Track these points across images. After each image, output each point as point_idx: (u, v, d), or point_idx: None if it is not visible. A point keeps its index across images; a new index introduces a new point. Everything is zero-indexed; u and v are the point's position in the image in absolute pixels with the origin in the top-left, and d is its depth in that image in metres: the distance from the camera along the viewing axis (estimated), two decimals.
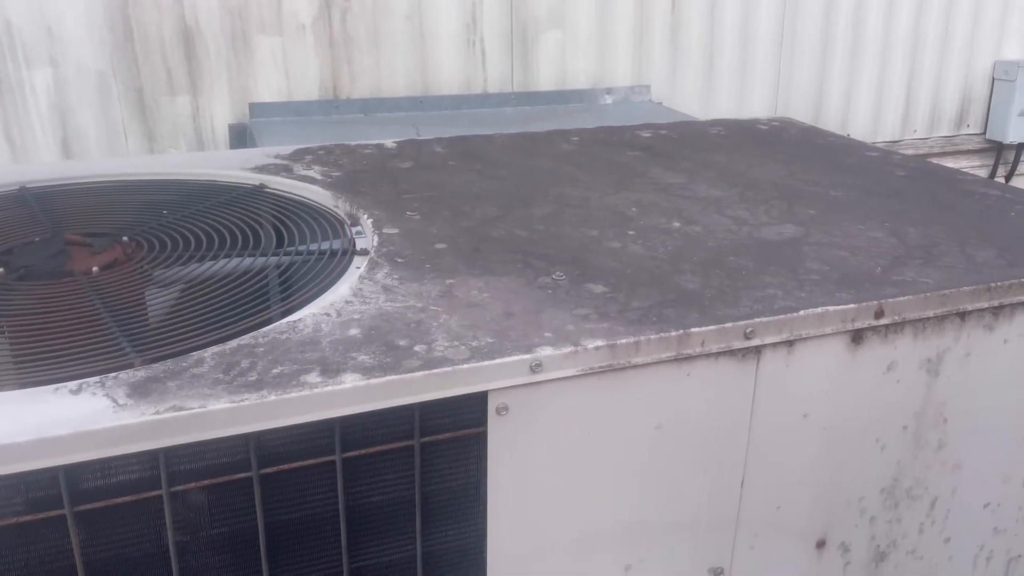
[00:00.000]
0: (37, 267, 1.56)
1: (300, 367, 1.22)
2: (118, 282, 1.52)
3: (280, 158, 2.23)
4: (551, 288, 1.51)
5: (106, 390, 1.14)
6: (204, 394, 1.14)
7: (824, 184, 2.18)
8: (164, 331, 1.34)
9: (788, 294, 1.52)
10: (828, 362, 1.52)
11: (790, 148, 2.54)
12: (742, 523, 1.57)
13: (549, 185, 2.11)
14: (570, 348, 1.31)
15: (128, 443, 1.09)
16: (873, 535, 1.70)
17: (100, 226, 1.77)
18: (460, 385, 1.25)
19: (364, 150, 2.36)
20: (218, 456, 1.18)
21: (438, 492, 1.33)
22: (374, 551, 1.32)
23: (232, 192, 1.99)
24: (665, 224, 1.86)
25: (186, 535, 1.19)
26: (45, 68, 3.17)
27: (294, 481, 1.23)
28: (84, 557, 1.13)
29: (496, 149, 2.43)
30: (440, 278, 1.53)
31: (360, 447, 1.25)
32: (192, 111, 3.39)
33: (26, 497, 1.09)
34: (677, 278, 1.58)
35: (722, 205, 1.99)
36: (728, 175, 2.24)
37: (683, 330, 1.38)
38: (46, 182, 2.00)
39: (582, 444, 1.38)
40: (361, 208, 1.88)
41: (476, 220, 1.84)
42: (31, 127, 3.20)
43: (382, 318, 1.37)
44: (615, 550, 1.48)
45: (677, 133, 2.68)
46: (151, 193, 1.99)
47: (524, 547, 1.40)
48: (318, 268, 1.59)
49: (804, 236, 1.81)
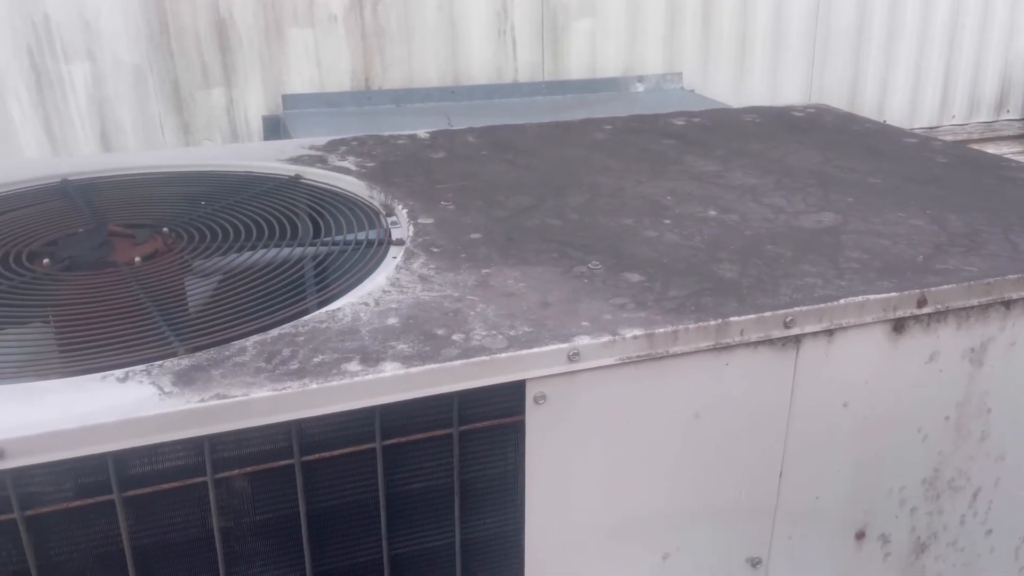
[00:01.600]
0: (82, 258, 1.59)
1: (340, 356, 1.23)
2: (160, 272, 1.54)
3: (314, 149, 2.24)
4: (587, 277, 1.51)
5: (152, 378, 1.16)
6: (247, 382, 1.16)
7: (862, 171, 2.15)
8: (206, 320, 1.36)
9: (828, 283, 1.50)
10: (869, 351, 1.50)
11: (826, 135, 2.50)
12: (780, 513, 1.56)
13: (582, 174, 2.10)
14: (608, 337, 1.31)
15: (174, 430, 1.11)
16: (913, 526, 1.68)
17: (141, 217, 1.79)
18: (498, 374, 1.26)
19: (397, 140, 2.37)
20: (261, 443, 1.19)
21: (477, 480, 1.34)
22: (414, 538, 1.33)
23: (268, 183, 2.00)
24: (701, 212, 1.84)
25: (230, 521, 1.21)
26: (83, 62, 3.22)
27: (335, 468, 1.25)
28: (132, 542, 1.16)
29: (528, 138, 2.42)
30: (476, 268, 1.54)
31: (400, 435, 1.26)
32: (227, 103, 3.43)
33: (76, 483, 1.11)
34: (714, 267, 1.57)
35: (758, 193, 1.97)
36: (763, 163, 2.21)
37: (722, 319, 1.37)
38: (87, 174, 2.04)
39: (620, 433, 1.38)
40: (396, 198, 1.89)
41: (510, 210, 1.84)
42: (71, 120, 3.26)
43: (420, 307, 1.38)
44: (653, 539, 1.48)
45: (710, 121, 2.65)
46: (189, 185, 2.02)
47: (562, 535, 1.41)
48: (355, 258, 1.61)
49: (843, 224, 1.78)
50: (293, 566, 1.26)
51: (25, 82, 3.16)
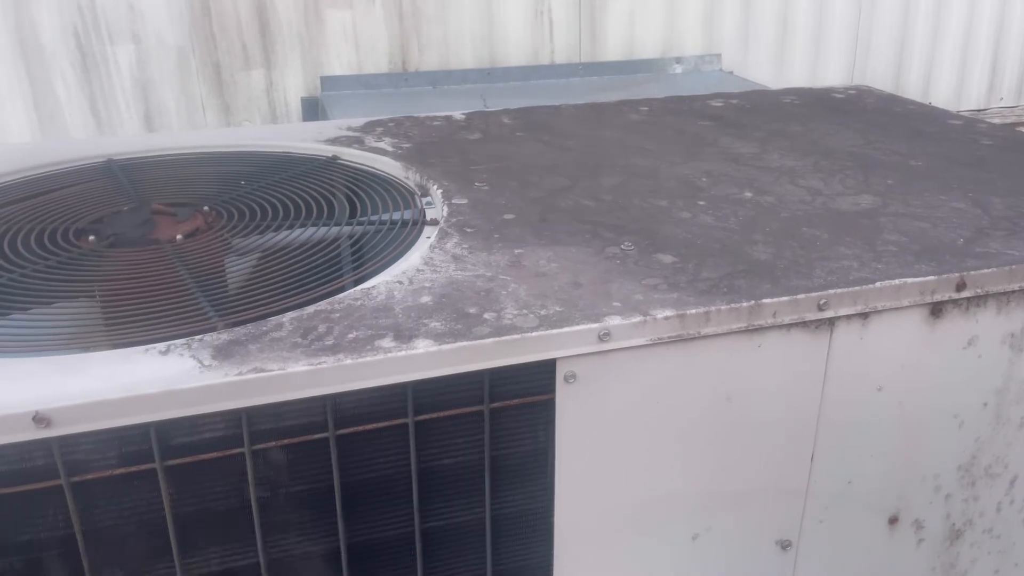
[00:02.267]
0: (126, 235, 1.63)
1: (374, 332, 1.25)
2: (200, 250, 1.58)
3: (352, 130, 2.27)
4: (619, 258, 1.51)
5: (192, 352, 1.19)
6: (283, 357, 1.18)
7: (903, 153, 2.11)
8: (244, 296, 1.39)
9: (864, 265, 1.49)
10: (905, 335, 1.48)
11: (867, 116, 2.46)
12: (811, 496, 1.55)
13: (617, 155, 2.10)
14: (639, 318, 1.31)
15: (213, 402, 1.14)
16: (948, 513, 1.67)
17: (182, 196, 1.83)
18: (529, 352, 1.27)
19: (433, 122, 2.38)
20: (297, 417, 1.22)
21: (507, 457, 1.35)
22: (445, 512, 1.36)
23: (306, 164, 2.03)
24: (736, 194, 1.83)
25: (267, 491, 1.24)
26: (128, 44, 3.28)
27: (369, 442, 1.27)
28: (173, 509, 1.20)
29: (564, 120, 2.42)
30: (508, 248, 1.55)
31: (432, 411, 1.28)
32: (266, 85, 3.47)
33: (120, 451, 1.15)
34: (748, 248, 1.56)
35: (795, 175, 1.95)
36: (802, 145, 2.18)
37: (754, 301, 1.37)
38: (131, 154, 2.08)
39: (650, 413, 1.38)
40: (431, 179, 1.90)
41: (544, 190, 1.85)
42: (115, 101, 3.33)
43: (452, 286, 1.40)
44: (682, 519, 1.49)
45: (749, 102, 2.62)
46: (229, 165, 2.05)
47: (591, 513, 1.42)
48: (390, 237, 1.63)
49: (882, 207, 1.76)
50: (327, 536, 1.30)
51: (71, 63, 3.24)
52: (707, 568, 1.54)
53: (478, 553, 1.40)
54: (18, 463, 1.11)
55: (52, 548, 1.16)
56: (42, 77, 3.22)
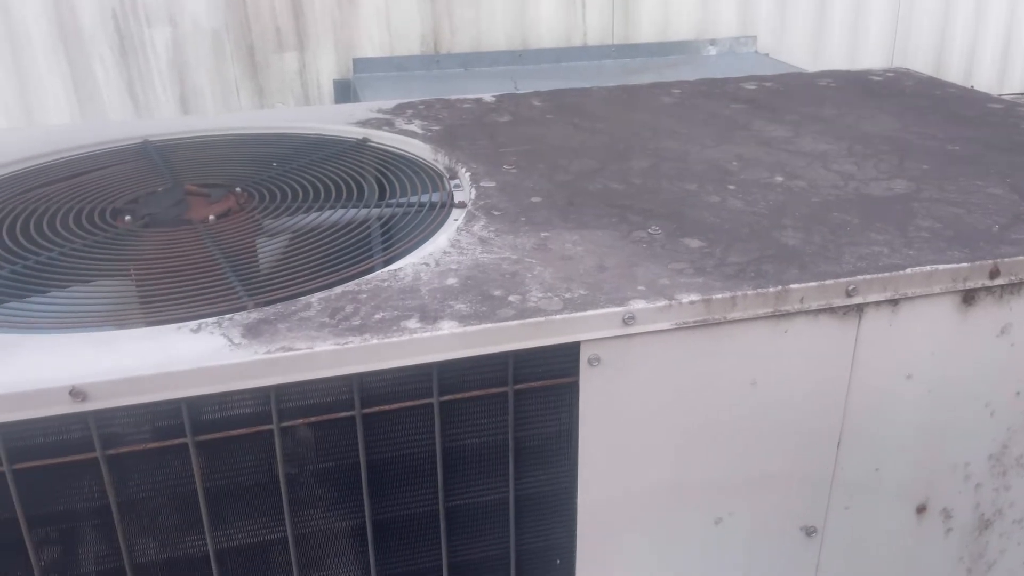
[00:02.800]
0: (160, 215, 1.66)
1: (400, 313, 1.27)
2: (232, 230, 1.60)
3: (382, 112, 2.28)
4: (646, 242, 1.51)
5: (222, 330, 1.22)
6: (311, 336, 1.20)
7: (941, 138, 2.07)
8: (274, 276, 1.41)
9: (895, 251, 1.47)
10: (936, 323, 1.46)
11: (905, 100, 2.42)
12: (837, 483, 1.55)
13: (648, 138, 2.08)
14: (664, 302, 1.31)
15: (242, 379, 1.17)
16: (978, 502, 1.65)
17: (215, 177, 1.86)
18: (553, 335, 1.28)
19: (463, 104, 2.38)
20: (324, 395, 1.24)
21: (531, 438, 1.37)
22: (469, 492, 1.37)
23: (337, 146, 2.05)
24: (767, 178, 1.81)
25: (295, 468, 1.27)
26: (165, 27, 3.32)
27: (394, 422, 1.29)
28: (204, 483, 1.23)
29: (594, 102, 2.41)
30: (535, 231, 1.55)
31: (457, 392, 1.30)
32: (299, 67, 3.49)
33: (153, 426, 1.19)
34: (777, 233, 1.54)
35: (828, 159, 1.93)
36: (836, 128, 2.15)
37: (782, 286, 1.36)
38: (166, 136, 2.12)
39: (674, 397, 1.38)
40: (459, 162, 1.91)
41: (572, 174, 1.85)
42: (152, 84, 3.38)
43: (478, 269, 1.41)
44: (705, 503, 1.49)
45: (783, 85, 2.59)
46: (262, 146, 2.08)
47: (614, 496, 1.43)
48: (418, 220, 1.64)
49: (915, 192, 1.73)
50: (353, 513, 1.32)
51: (110, 46, 3.29)
52: (730, 552, 1.54)
53: (502, 533, 1.42)
54: (56, 436, 1.15)
55: (88, 519, 1.20)
56: (81, 60, 3.27)
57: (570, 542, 1.45)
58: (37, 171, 1.91)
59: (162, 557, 1.25)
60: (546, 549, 1.46)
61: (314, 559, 1.34)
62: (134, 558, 1.24)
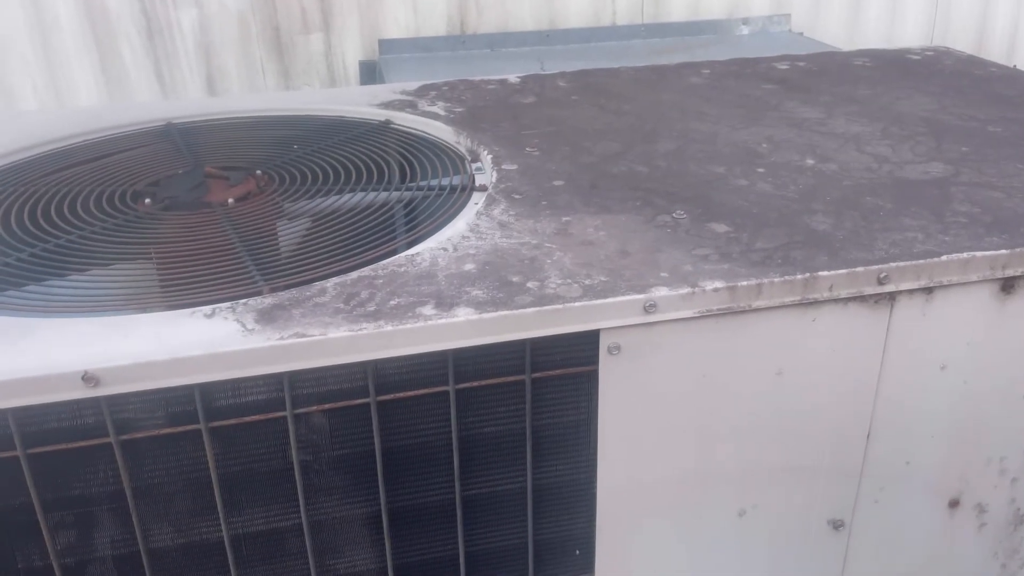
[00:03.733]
0: (179, 198, 1.65)
1: (416, 299, 1.24)
2: (251, 214, 1.59)
3: (406, 94, 2.25)
4: (671, 227, 1.47)
5: (236, 315, 1.21)
6: (325, 322, 1.19)
7: (981, 119, 1.99)
8: (290, 261, 1.39)
9: (930, 237, 1.41)
10: (972, 312, 1.41)
11: (944, 80, 2.33)
12: (866, 476, 1.50)
13: (675, 120, 2.03)
14: (687, 289, 1.27)
15: (255, 366, 1.15)
16: (1013, 497, 1.59)
17: (236, 160, 1.85)
18: (571, 323, 1.24)
19: (488, 86, 2.35)
20: (339, 382, 1.23)
21: (549, 427, 1.34)
22: (486, 480, 1.35)
23: (359, 128, 2.03)
24: (798, 161, 1.75)
25: (309, 455, 1.26)
26: (191, 8, 3.31)
27: (410, 409, 1.27)
28: (218, 469, 1.22)
29: (621, 83, 2.36)
30: (556, 215, 1.52)
31: (473, 379, 1.27)
32: (325, 49, 3.47)
33: (166, 412, 1.18)
34: (807, 218, 1.49)
35: (861, 142, 1.86)
36: (871, 109, 2.08)
37: (810, 273, 1.31)
38: (190, 118, 2.11)
39: (697, 387, 1.35)
40: (481, 144, 1.88)
41: (596, 156, 1.80)
42: (179, 65, 3.38)
43: (497, 254, 1.38)
44: (728, 495, 1.45)
45: (817, 65, 2.51)
46: (284, 129, 2.06)
47: (634, 486, 1.40)
48: (438, 203, 1.61)
49: (953, 175, 1.67)
50: (368, 500, 1.31)
51: (136, 27, 3.29)
52: (753, 545, 1.51)
53: (519, 522, 1.40)
54: (70, 420, 1.15)
55: (103, 503, 1.20)
56: (108, 41, 3.28)
57: (589, 533, 1.42)
58: (60, 153, 1.91)
59: (177, 542, 1.25)
60: (565, 539, 1.43)
61: (329, 546, 1.33)
62: (149, 543, 1.24)
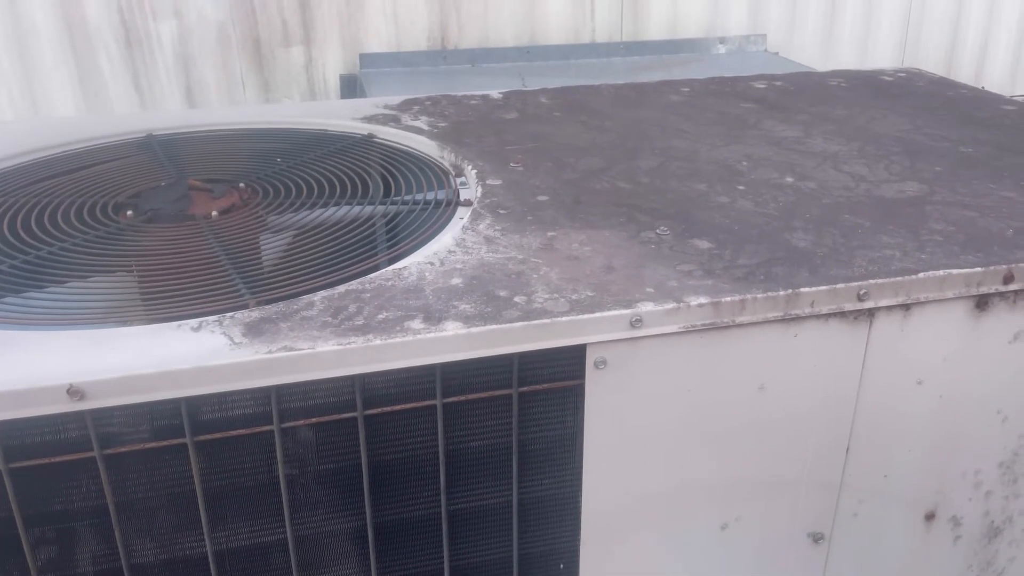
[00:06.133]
0: (162, 210, 1.65)
1: (404, 313, 1.25)
2: (235, 226, 1.59)
3: (388, 108, 2.26)
4: (654, 243, 1.49)
5: (223, 328, 1.20)
6: (313, 336, 1.19)
7: (953, 139, 2.04)
8: (277, 275, 1.39)
9: (907, 255, 1.44)
10: (948, 328, 1.44)
11: (917, 100, 2.39)
12: (846, 489, 1.52)
13: (656, 137, 2.06)
14: (672, 304, 1.29)
15: (242, 379, 1.15)
16: (987, 510, 1.63)
17: (219, 172, 1.84)
18: (558, 337, 1.26)
19: (470, 101, 2.36)
20: (326, 396, 1.22)
21: (535, 441, 1.35)
22: (472, 495, 1.35)
23: (342, 142, 2.03)
24: (777, 179, 1.79)
25: (295, 469, 1.25)
26: (170, 20, 3.30)
27: (397, 423, 1.27)
28: (203, 484, 1.21)
29: (602, 100, 2.38)
30: (542, 230, 1.53)
31: (460, 393, 1.28)
32: (305, 62, 3.47)
33: (151, 425, 1.17)
34: (788, 235, 1.52)
35: (839, 160, 1.90)
36: (847, 129, 2.13)
37: (792, 289, 1.34)
38: (171, 130, 2.10)
39: (681, 401, 1.36)
40: (465, 159, 1.89)
41: (580, 172, 1.82)
42: (158, 77, 3.36)
43: (483, 268, 1.38)
44: (711, 508, 1.47)
45: (793, 84, 2.56)
46: (266, 141, 2.06)
47: (619, 501, 1.41)
48: (423, 218, 1.62)
49: (928, 194, 1.71)
50: (354, 515, 1.30)
51: (115, 38, 3.27)
52: (736, 558, 1.52)
53: (504, 536, 1.40)
54: (53, 435, 1.13)
55: (85, 518, 1.18)
56: (87, 52, 3.26)
57: (574, 547, 1.43)
58: (40, 164, 1.89)
59: (160, 558, 1.24)
60: (549, 554, 1.44)
61: (314, 561, 1.32)
62: (131, 558, 1.22)
